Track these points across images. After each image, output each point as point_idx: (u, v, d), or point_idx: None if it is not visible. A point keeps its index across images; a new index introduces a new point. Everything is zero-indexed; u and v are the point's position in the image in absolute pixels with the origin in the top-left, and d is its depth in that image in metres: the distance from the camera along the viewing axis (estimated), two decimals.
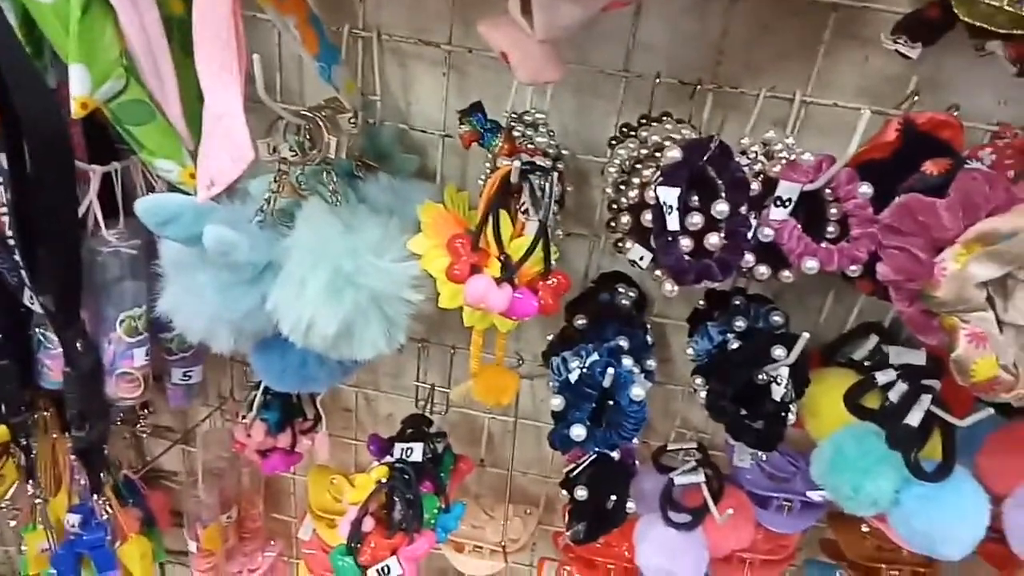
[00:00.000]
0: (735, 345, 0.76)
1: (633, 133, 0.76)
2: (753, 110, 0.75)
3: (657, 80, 0.75)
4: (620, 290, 0.82)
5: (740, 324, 0.76)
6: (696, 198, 0.63)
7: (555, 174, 0.62)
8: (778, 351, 0.72)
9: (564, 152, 0.75)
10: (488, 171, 0.72)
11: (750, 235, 0.63)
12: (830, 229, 0.68)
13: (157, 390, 0.94)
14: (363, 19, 0.78)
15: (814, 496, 0.79)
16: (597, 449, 0.72)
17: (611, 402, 0.70)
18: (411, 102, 0.86)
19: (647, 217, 0.64)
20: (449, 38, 0.78)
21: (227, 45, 0.57)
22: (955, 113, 0.72)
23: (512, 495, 1.07)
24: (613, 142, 0.78)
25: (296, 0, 0.67)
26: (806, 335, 0.68)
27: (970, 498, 0.69)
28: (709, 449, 0.93)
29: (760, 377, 0.72)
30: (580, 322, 0.78)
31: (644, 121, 0.76)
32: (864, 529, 0.90)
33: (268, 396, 0.94)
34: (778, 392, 0.73)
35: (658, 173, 0.62)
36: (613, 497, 0.80)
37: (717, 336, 0.77)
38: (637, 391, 0.68)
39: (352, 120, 0.73)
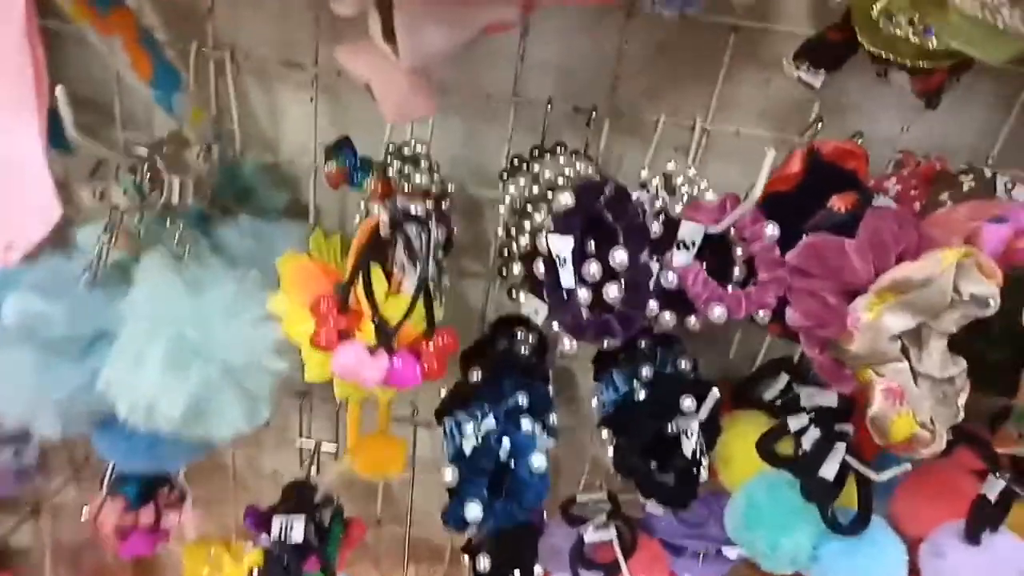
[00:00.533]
0: (642, 395, 0.70)
1: (526, 165, 0.68)
2: (653, 137, 0.70)
3: (549, 106, 0.68)
4: (519, 336, 0.74)
5: (647, 373, 0.70)
6: (592, 244, 0.57)
7: (433, 223, 0.54)
8: (687, 402, 0.67)
9: (451, 187, 0.67)
10: (362, 215, 0.64)
11: (652, 284, 0.57)
12: (736, 271, 0.62)
13: None
14: (213, 35, 0.68)
15: (729, 553, 0.74)
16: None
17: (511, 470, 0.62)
18: (278, 131, 0.76)
19: (539, 268, 0.57)
20: (315, 58, 0.69)
21: (20, 75, 0.47)
22: (859, 141, 0.68)
23: (414, 551, 0.98)
24: (504, 175, 0.71)
25: (121, 17, 0.56)
26: (716, 393, 0.63)
27: (890, 551, 0.66)
28: (620, 493, 0.88)
29: (670, 430, 0.67)
30: (475, 376, 0.70)
31: (536, 153, 0.69)
32: None
33: None
34: (688, 447, 0.68)
35: (550, 219, 0.55)
36: (517, 570, 0.73)
37: (623, 386, 0.71)
38: (538, 461, 0.61)
39: (201, 155, 0.63)
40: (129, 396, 0.56)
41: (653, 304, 0.58)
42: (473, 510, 0.61)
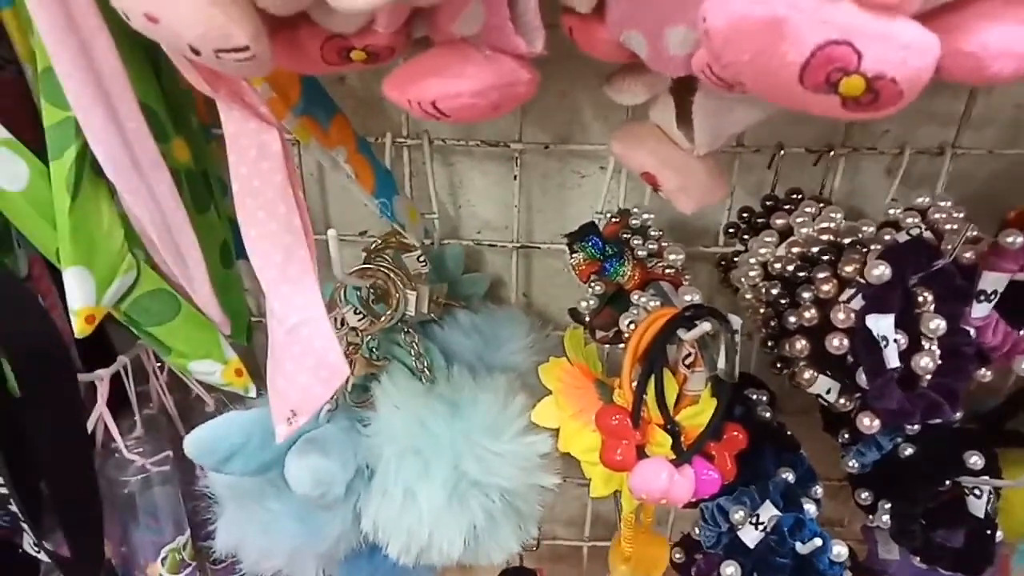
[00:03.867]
0: (908, 451, 0.63)
1: (760, 220, 0.62)
2: (894, 168, 0.63)
3: (782, 152, 0.62)
4: (753, 396, 0.68)
5: (915, 426, 0.63)
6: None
7: (735, 319, 0.48)
8: (973, 459, 0.60)
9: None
10: (593, 296, 0.58)
11: (971, 349, 0.51)
12: None
13: None
14: (408, 124, 0.63)
15: None
16: None
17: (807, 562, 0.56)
18: (461, 207, 0.70)
19: (835, 343, 0.50)
20: (519, 135, 0.63)
21: (289, 226, 0.42)
22: None
23: None
24: (731, 231, 0.64)
25: (342, 128, 0.51)
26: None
27: None
28: (846, 539, 0.82)
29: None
30: None
31: (771, 203, 0.62)
32: None
33: None
34: (979, 506, 0.61)
35: (856, 294, 0.49)
36: None
37: (887, 444, 0.64)
38: (839, 550, 0.55)
39: (422, 259, 0.58)
40: (403, 537, 0.51)
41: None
42: None
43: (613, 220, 0.60)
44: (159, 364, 0.64)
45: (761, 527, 0.57)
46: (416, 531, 0.51)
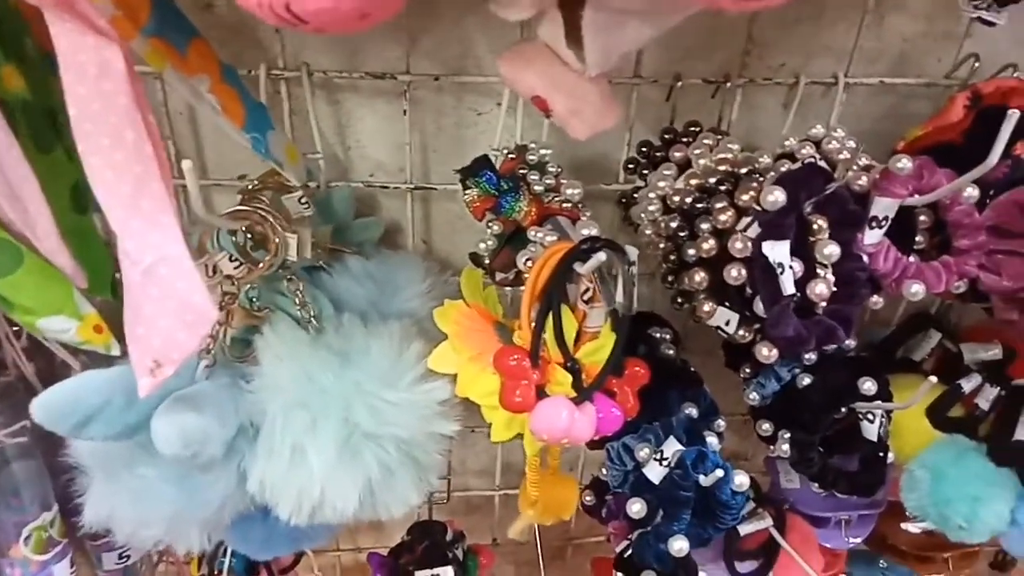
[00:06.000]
0: (806, 381, 0.64)
1: (659, 154, 0.61)
2: (789, 101, 0.63)
3: (679, 84, 0.60)
4: (656, 335, 0.68)
5: (810, 356, 0.64)
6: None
7: (632, 249, 0.46)
8: (867, 385, 0.62)
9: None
10: (491, 236, 0.55)
11: (864, 275, 0.51)
12: (918, 239, 0.57)
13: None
14: (283, 55, 0.57)
15: (912, 528, 0.70)
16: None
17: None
18: (350, 148, 0.66)
19: (733, 274, 0.50)
20: (407, 66, 0.59)
21: (139, 154, 0.37)
22: (1015, 74, 0.62)
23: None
24: (631, 166, 0.63)
25: (201, 53, 0.46)
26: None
27: None
28: (751, 472, 0.84)
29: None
30: None
31: (670, 136, 0.61)
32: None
33: None
34: (872, 430, 0.63)
35: (753, 222, 0.48)
36: None
37: (786, 374, 0.65)
38: (741, 480, 0.55)
39: (304, 200, 0.53)
40: (293, 497, 0.48)
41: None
42: (680, 545, 0.55)
43: (510, 156, 0.57)
44: (15, 328, 0.58)
45: (665, 463, 0.57)
46: (307, 489, 0.47)
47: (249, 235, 0.52)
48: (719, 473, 0.53)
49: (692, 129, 0.60)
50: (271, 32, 0.57)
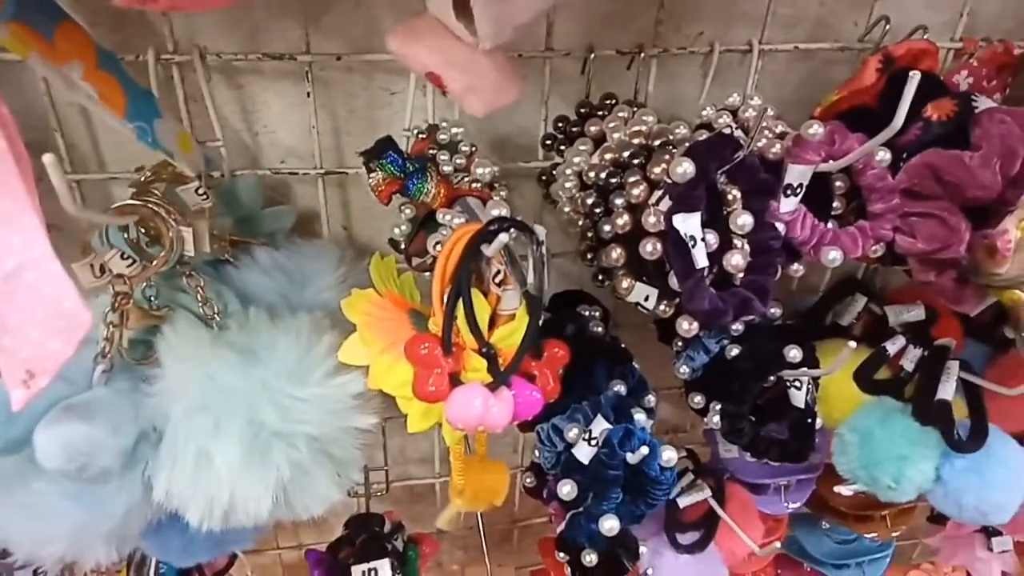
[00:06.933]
0: (735, 352, 0.64)
1: (576, 129, 0.59)
2: (705, 71, 0.62)
3: (592, 55, 0.59)
4: (584, 313, 0.67)
5: (737, 327, 0.64)
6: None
7: (540, 229, 0.45)
8: (793, 352, 0.62)
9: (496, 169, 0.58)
10: (405, 221, 0.54)
11: (778, 243, 0.50)
12: (835, 205, 0.57)
13: None
14: (173, 38, 0.54)
15: (844, 491, 0.71)
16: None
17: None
18: (258, 133, 0.63)
19: (648, 248, 0.49)
20: (306, 46, 0.56)
21: None
22: (924, 35, 0.62)
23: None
24: (548, 143, 0.61)
25: (71, 39, 0.43)
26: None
27: (1014, 459, 0.64)
28: (691, 443, 0.84)
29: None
30: None
31: (585, 111, 0.60)
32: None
33: None
34: (800, 397, 0.63)
35: (664, 195, 0.47)
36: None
37: (714, 346, 0.64)
38: (668, 455, 0.55)
39: (202, 191, 0.51)
40: (200, 503, 0.46)
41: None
42: (610, 523, 0.55)
43: (420, 136, 0.55)
44: None
45: (594, 442, 0.56)
46: (215, 494, 0.45)
47: (143, 231, 0.49)
48: (644, 451, 0.53)
49: (608, 102, 0.59)
50: (159, 14, 0.54)
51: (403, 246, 0.55)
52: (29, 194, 0.35)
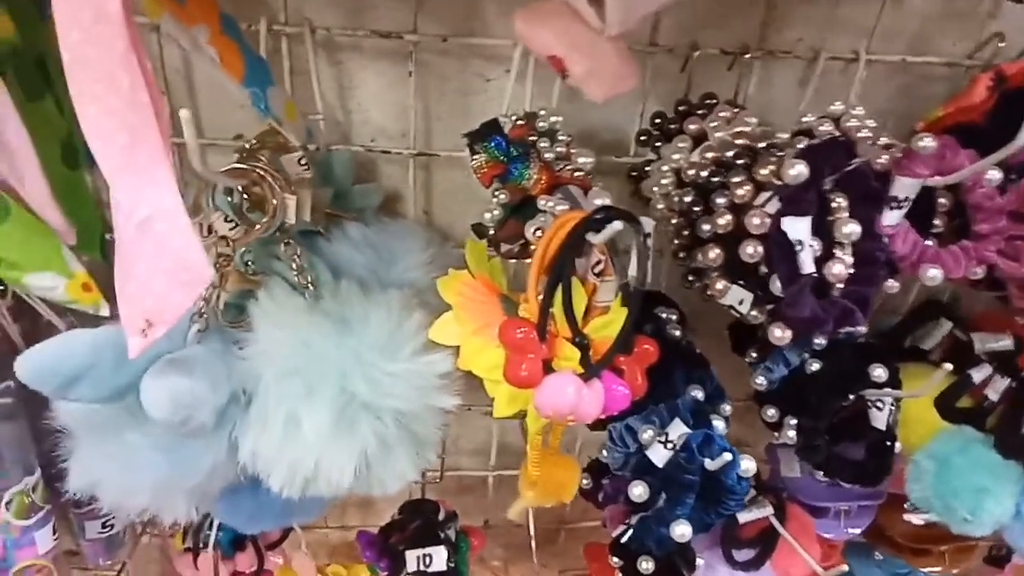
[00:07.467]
0: (815, 367, 0.63)
1: (673, 126, 0.59)
2: (805, 77, 0.61)
3: (696, 53, 0.58)
4: (663, 315, 0.66)
5: (819, 340, 0.62)
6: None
7: (648, 220, 0.45)
8: (877, 371, 0.60)
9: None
10: (498, 206, 0.53)
11: (884, 256, 0.49)
12: (936, 223, 0.55)
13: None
14: (286, 10, 0.55)
15: (915, 519, 0.69)
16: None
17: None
18: (351, 111, 0.64)
19: (749, 251, 0.48)
20: (414, 25, 0.56)
21: (134, 102, 0.34)
22: None
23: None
24: (644, 138, 0.61)
25: (205, 4, 0.44)
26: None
27: None
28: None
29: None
30: None
31: (684, 108, 0.59)
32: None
33: None
34: (880, 418, 0.61)
35: (772, 196, 0.46)
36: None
37: (795, 359, 0.63)
38: (747, 465, 0.54)
39: (303, 162, 0.51)
40: (285, 467, 0.46)
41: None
42: (682, 530, 0.54)
43: (519, 123, 0.55)
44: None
45: (670, 445, 0.55)
46: (300, 460, 0.46)
47: (246, 196, 0.49)
48: (727, 457, 0.52)
49: (708, 102, 0.58)
50: None
51: (491, 231, 0.55)
52: (165, 149, 0.35)
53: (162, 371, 0.40)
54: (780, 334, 0.51)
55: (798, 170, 0.44)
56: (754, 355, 0.65)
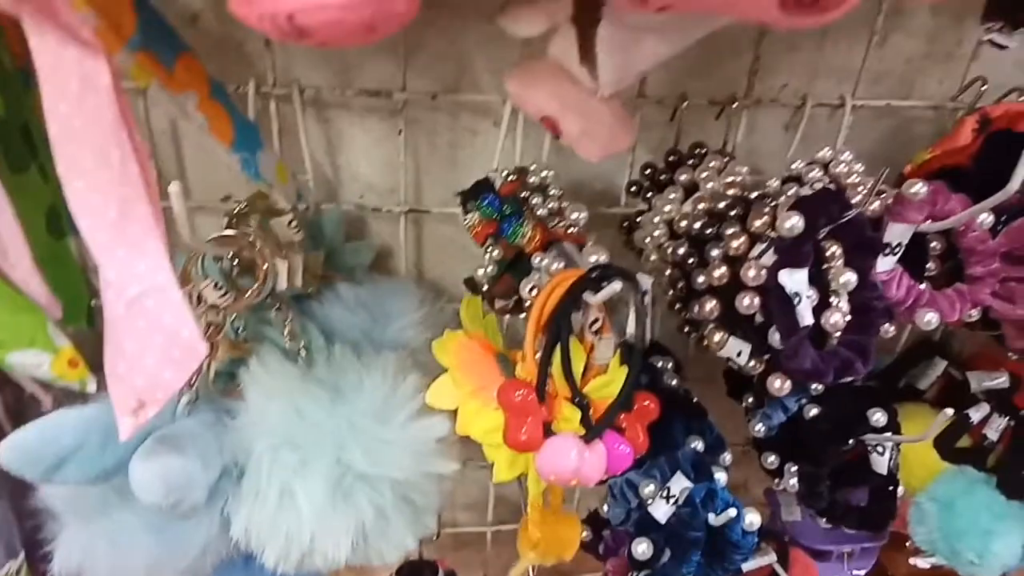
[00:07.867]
0: (813, 412, 0.62)
1: (664, 177, 0.59)
2: (792, 123, 0.62)
3: (685, 104, 0.59)
4: (658, 364, 0.65)
5: (817, 386, 0.62)
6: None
7: (645, 278, 0.44)
8: (877, 416, 0.60)
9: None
10: (492, 262, 0.53)
11: (881, 304, 0.49)
12: (929, 266, 0.55)
13: None
14: (273, 71, 0.55)
15: (921, 563, 0.68)
16: None
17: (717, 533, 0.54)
18: (340, 168, 0.63)
19: (745, 303, 0.47)
20: (403, 83, 0.56)
21: (124, 176, 0.34)
22: (1021, 98, 0.61)
23: None
24: (634, 189, 0.61)
25: (189, 69, 0.43)
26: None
27: None
28: (748, 503, 0.81)
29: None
30: None
31: (674, 159, 0.59)
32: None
33: None
34: (882, 463, 0.61)
35: (767, 248, 0.46)
36: None
37: (793, 405, 0.62)
38: (752, 519, 0.53)
39: (294, 224, 0.50)
40: (279, 542, 0.44)
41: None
42: None
43: (510, 179, 0.55)
44: None
45: (672, 500, 0.54)
46: (295, 535, 0.44)
47: (236, 261, 0.49)
48: (731, 512, 0.51)
49: (697, 151, 0.59)
50: (259, 47, 0.54)
51: (484, 287, 0.54)
52: (157, 221, 0.34)
53: (153, 451, 0.38)
54: (779, 385, 0.51)
55: (793, 222, 0.44)
56: (750, 400, 0.65)
